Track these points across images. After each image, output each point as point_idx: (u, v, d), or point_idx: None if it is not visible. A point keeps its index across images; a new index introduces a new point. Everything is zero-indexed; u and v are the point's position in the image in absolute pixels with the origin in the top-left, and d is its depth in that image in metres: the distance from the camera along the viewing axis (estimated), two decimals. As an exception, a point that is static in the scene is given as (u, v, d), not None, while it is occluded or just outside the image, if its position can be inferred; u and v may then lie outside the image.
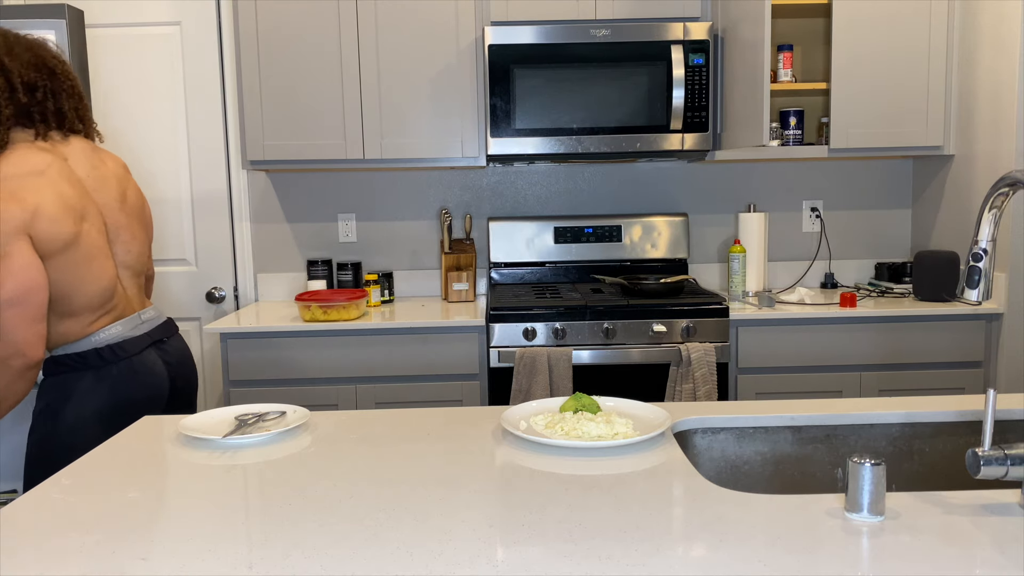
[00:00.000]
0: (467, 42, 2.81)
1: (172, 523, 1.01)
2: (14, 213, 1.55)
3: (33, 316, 1.58)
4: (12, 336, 1.56)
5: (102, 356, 1.71)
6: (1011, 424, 1.43)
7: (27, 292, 1.56)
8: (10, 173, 1.58)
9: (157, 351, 1.84)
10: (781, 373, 2.68)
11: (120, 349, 1.74)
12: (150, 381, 1.78)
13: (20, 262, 1.55)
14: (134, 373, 1.75)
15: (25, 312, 1.56)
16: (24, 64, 1.67)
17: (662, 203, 3.22)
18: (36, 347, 1.59)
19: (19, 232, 1.56)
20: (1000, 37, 2.62)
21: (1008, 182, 1.10)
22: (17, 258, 1.55)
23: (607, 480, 1.12)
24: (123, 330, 1.76)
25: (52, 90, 1.70)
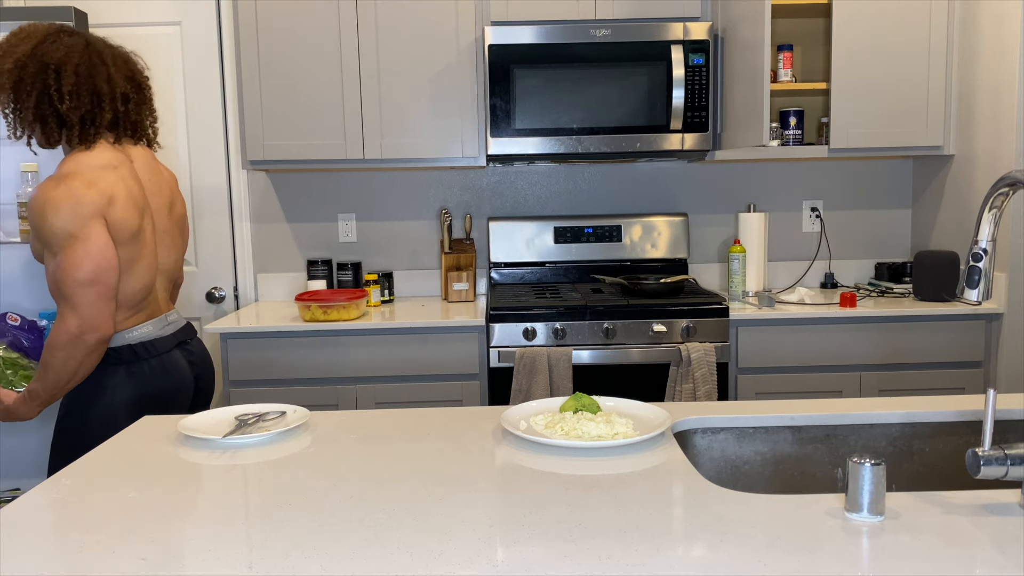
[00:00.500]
0: (467, 42, 2.81)
1: (172, 523, 1.01)
2: (93, 198, 1.66)
3: (108, 295, 1.69)
4: (89, 312, 1.66)
5: (136, 352, 1.80)
6: (1011, 424, 1.43)
7: (104, 272, 1.67)
8: (90, 164, 1.71)
9: (182, 351, 1.93)
10: (781, 373, 2.68)
11: (152, 347, 1.83)
12: (178, 379, 1.88)
13: (98, 243, 1.66)
14: (164, 371, 1.84)
15: (101, 291, 1.68)
16: (123, 75, 1.80)
17: (662, 203, 3.22)
18: (109, 323, 1.71)
19: (97, 215, 1.67)
20: (1000, 37, 2.62)
21: (1008, 182, 1.10)
22: (95, 240, 1.66)
23: (607, 480, 1.12)
24: (153, 329, 1.85)
25: (137, 103, 1.84)
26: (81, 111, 1.72)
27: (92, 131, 1.75)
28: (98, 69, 1.75)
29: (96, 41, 1.79)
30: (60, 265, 1.65)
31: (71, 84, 1.70)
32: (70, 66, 1.71)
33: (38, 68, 1.70)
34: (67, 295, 1.65)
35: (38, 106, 1.70)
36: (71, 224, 1.64)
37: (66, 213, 1.63)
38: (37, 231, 1.67)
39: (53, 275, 1.67)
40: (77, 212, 1.64)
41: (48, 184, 1.66)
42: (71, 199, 1.64)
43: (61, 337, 1.66)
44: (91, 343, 1.68)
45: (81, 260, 1.64)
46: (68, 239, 1.64)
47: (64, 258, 1.64)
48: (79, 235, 1.64)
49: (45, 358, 1.69)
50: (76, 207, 1.64)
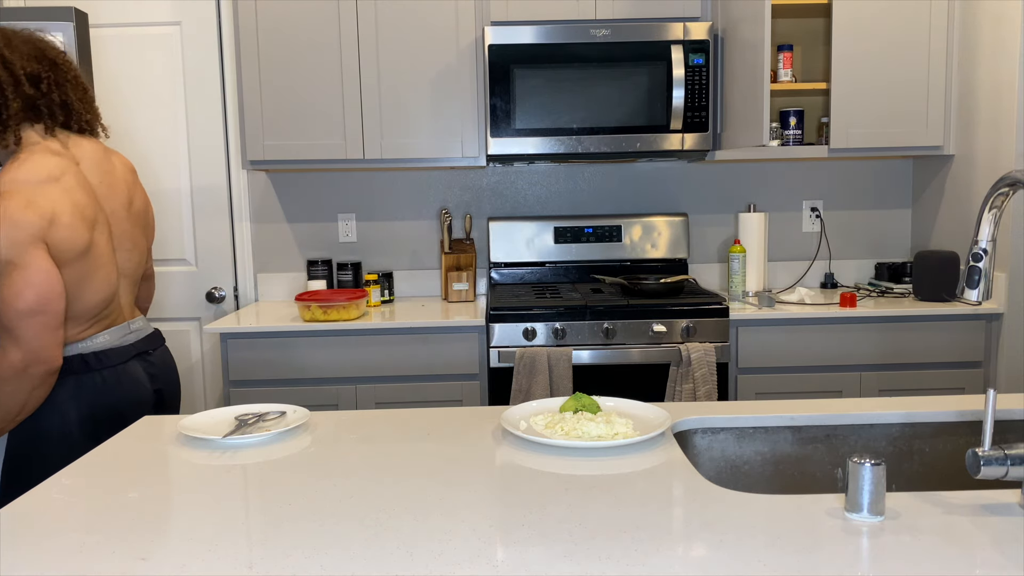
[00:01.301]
0: (467, 42, 2.81)
1: (172, 523, 1.01)
2: (32, 221, 1.52)
3: (53, 324, 1.57)
4: (33, 344, 1.54)
5: (87, 363, 1.69)
6: (1011, 424, 1.43)
7: (47, 301, 1.55)
8: (27, 179, 1.56)
9: (141, 362, 1.81)
10: (781, 373, 2.68)
11: (105, 357, 1.72)
12: (132, 391, 1.75)
13: (39, 271, 1.53)
14: (117, 382, 1.73)
15: (46, 320, 1.55)
16: (25, 56, 1.63)
17: (662, 203, 3.22)
18: (56, 353, 1.58)
19: (37, 240, 1.53)
20: (1000, 37, 2.62)
21: (1008, 182, 1.10)
22: (36, 267, 1.53)
23: (607, 480, 1.12)
24: (111, 339, 1.74)
25: (56, 81, 1.67)
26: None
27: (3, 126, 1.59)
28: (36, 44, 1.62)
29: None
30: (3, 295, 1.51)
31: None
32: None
33: None
34: (8, 327, 1.52)
35: None
36: (9, 251, 1.50)
37: (2, 239, 1.49)
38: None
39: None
40: (14, 238, 1.50)
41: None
42: (7, 223, 1.50)
43: (5, 371, 1.53)
44: (37, 376, 1.56)
45: (21, 289, 1.51)
46: (6, 267, 1.51)
47: (3, 288, 1.51)
48: (18, 263, 1.51)
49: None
50: (13, 232, 1.50)
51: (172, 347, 3.21)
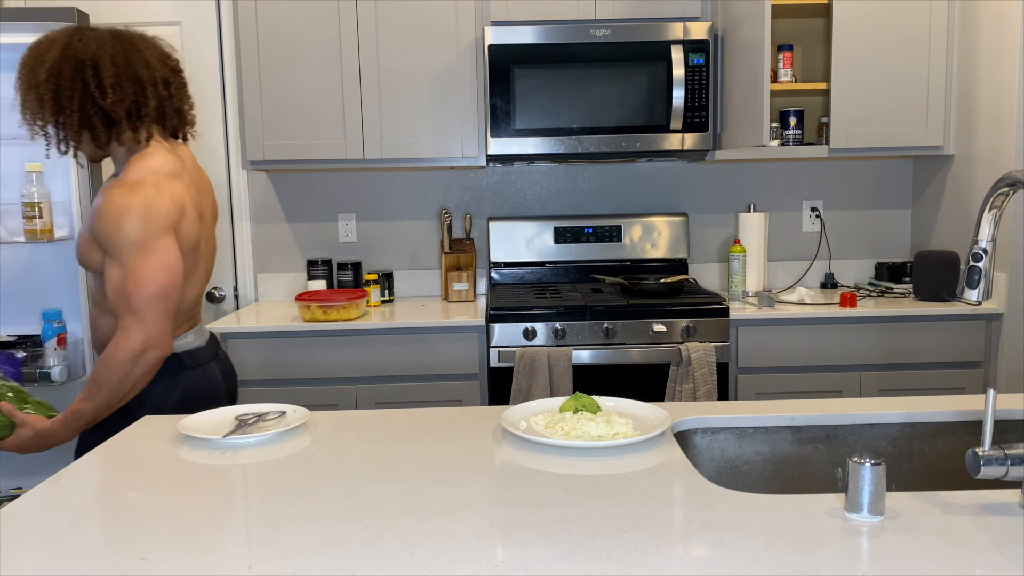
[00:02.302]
0: (467, 42, 2.81)
1: (172, 523, 1.01)
2: (167, 208, 1.58)
3: (173, 311, 1.62)
4: (156, 328, 1.58)
5: (181, 361, 1.72)
6: (1011, 424, 1.43)
7: (174, 287, 1.60)
8: (158, 170, 1.62)
9: (216, 362, 1.86)
10: (781, 373, 2.68)
11: (195, 356, 1.76)
12: (214, 390, 1.80)
13: (173, 256, 1.59)
14: (204, 381, 1.77)
15: (169, 307, 1.60)
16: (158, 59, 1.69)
17: (662, 203, 3.22)
18: (170, 341, 1.63)
19: (170, 227, 1.60)
20: (1000, 37, 2.62)
21: (1008, 182, 1.10)
22: (171, 252, 1.59)
23: (607, 480, 1.12)
24: (195, 339, 1.78)
25: (178, 87, 1.73)
26: (126, 103, 1.62)
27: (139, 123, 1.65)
28: (134, 55, 1.65)
29: (122, 31, 1.69)
30: (131, 276, 1.55)
31: (112, 76, 1.60)
32: (106, 57, 1.61)
33: (74, 68, 1.59)
34: (136, 308, 1.56)
35: (82, 108, 1.60)
36: (146, 234, 1.55)
37: (142, 223, 1.55)
38: (104, 239, 1.58)
39: (119, 287, 1.57)
40: (153, 222, 1.56)
41: (119, 191, 1.57)
42: (146, 208, 1.56)
43: (123, 353, 1.56)
44: (151, 360, 1.59)
45: (156, 273, 1.56)
46: (141, 249, 1.56)
47: (138, 269, 1.55)
48: (155, 247, 1.56)
49: (100, 375, 1.58)
50: (152, 216, 1.56)
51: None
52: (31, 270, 2.55)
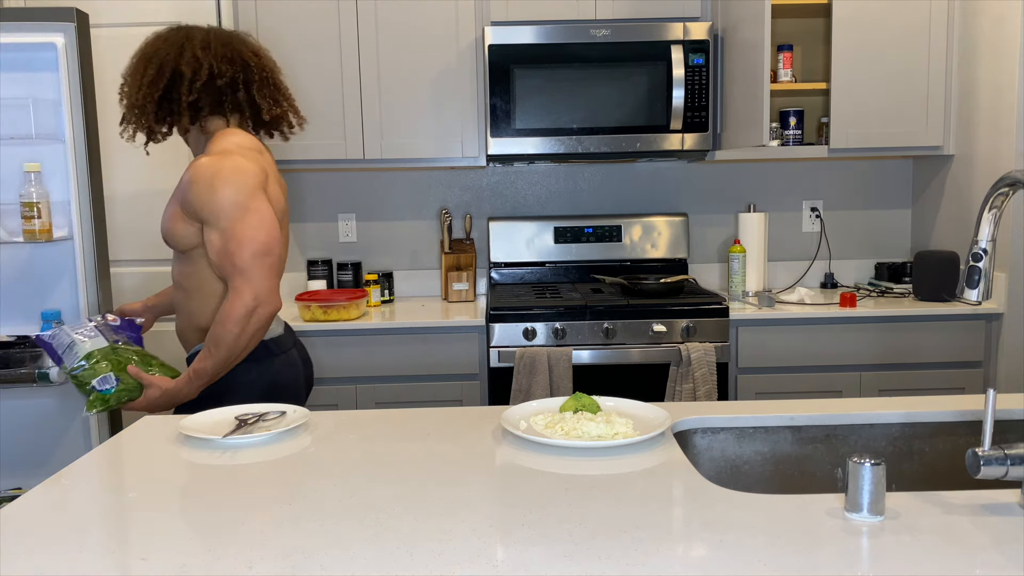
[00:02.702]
0: (467, 42, 2.81)
1: (172, 523, 1.01)
2: (255, 171, 1.66)
3: (277, 267, 1.67)
4: (263, 285, 1.63)
5: (268, 348, 1.77)
6: (1011, 424, 1.43)
7: (274, 243, 1.65)
8: (240, 144, 1.71)
9: (296, 349, 1.91)
10: (781, 373, 2.68)
11: (279, 344, 1.81)
12: (296, 377, 1.85)
13: (268, 214, 1.65)
14: (289, 367, 1.83)
15: (272, 263, 1.65)
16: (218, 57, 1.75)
17: (662, 203, 3.22)
18: (278, 298, 1.68)
19: (261, 188, 1.66)
20: (1000, 37, 2.62)
21: (1008, 182, 1.10)
22: (265, 211, 1.65)
23: (607, 480, 1.12)
24: (277, 327, 1.84)
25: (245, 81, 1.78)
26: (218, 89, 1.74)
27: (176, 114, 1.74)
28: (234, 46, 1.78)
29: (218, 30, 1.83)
30: (233, 237, 1.61)
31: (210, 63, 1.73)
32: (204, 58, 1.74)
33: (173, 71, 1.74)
34: (241, 267, 1.62)
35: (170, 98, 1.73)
36: (242, 195, 1.62)
37: (236, 184, 1.61)
38: (200, 207, 1.63)
39: (222, 249, 1.63)
40: (246, 183, 1.63)
41: (208, 160, 1.64)
42: (238, 171, 1.63)
43: (237, 311, 1.62)
44: (263, 316, 1.65)
45: (256, 231, 1.62)
46: (240, 210, 1.62)
47: (238, 230, 1.61)
48: (250, 206, 1.62)
49: (217, 333, 1.64)
50: (244, 178, 1.63)
51: (172, 347, 3.21)
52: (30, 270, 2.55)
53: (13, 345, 2.44)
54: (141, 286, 3.14)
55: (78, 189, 2.40)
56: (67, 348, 1.71)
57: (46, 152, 2.48)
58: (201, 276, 1.74)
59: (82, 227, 2.41)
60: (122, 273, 3.14)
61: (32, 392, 2.53)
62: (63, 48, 2.34)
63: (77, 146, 2.39)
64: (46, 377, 2.39)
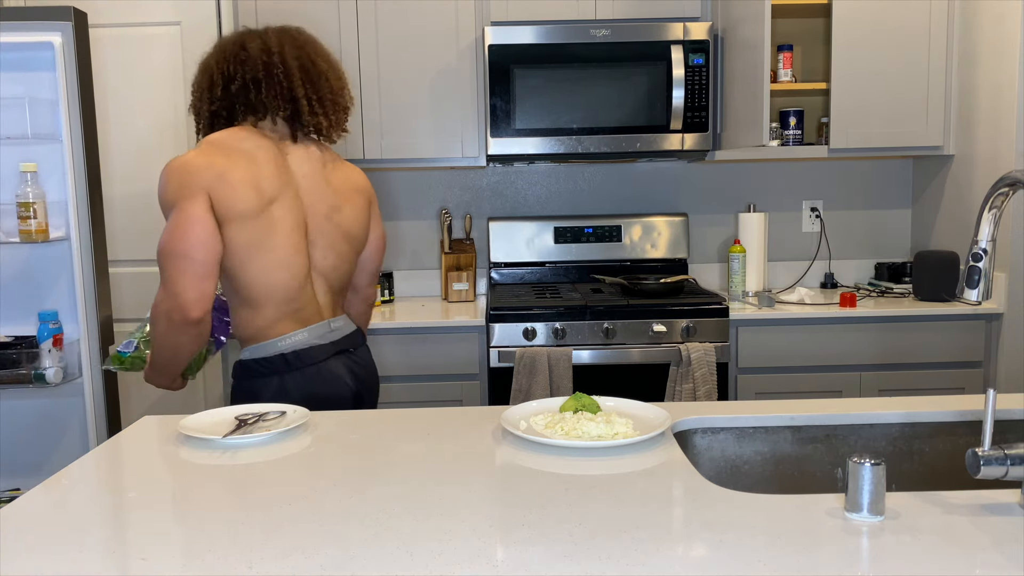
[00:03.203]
0: (467, 42, 2.81)
1: (172, 523, 1.01)
2: (200, 170, 1.60)
3: (198, 273, 1.59)
4: (174, 288, 1.58)
5: (288, 362, 1.71)
6: (1011, 424, 1.43)
7: (192, 246, 1.57)
8: (217, 139, 1.67)
9: (344, 359, 1.81)
10: (781, 373, 2.68)
11: (305, 355, 1.72)
12: (334, 389, 1.76)
13: (192, 216, 1.58)
14: (319, 379, 1.74)
15: (188, 267, 1.58)
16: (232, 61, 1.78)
17: (662, 203, 3.22)
18: (196, 305, 1.59)
19: (197, 189, 1.59)
20: (1000, 37, 2.62)
21: (1008, 182, 1.10)
22: (190, 213, 1.58)
23: (607, 480, 1.12)
24: (309, 337, 1.74)
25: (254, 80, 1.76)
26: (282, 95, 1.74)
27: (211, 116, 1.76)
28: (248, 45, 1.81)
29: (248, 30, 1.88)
30: (162, 235, 1.60)
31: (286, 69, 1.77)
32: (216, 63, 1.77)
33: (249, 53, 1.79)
34: (160, 266, 1.61)
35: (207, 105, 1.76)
36: (172, 195, 1.60)
37: (172, 183, 1.60)
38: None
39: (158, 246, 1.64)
40: (181, 182, 1.59)
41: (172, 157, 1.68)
42: (178, 170, 1.60)
43: (154, 311, 1.62)
44: (177, 321, 1.59)
45: (172, 232, 1.58)
46: (167, 210, 1.61)
47: (165, 229, 1.60)
48: (177, 206, 1.59)
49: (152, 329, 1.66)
50: (181, 177, 1.60)
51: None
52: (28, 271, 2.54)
53: (11, 346, 2.44)
54: (140, 286, 3.14)
55: (75, 189, 2.40)
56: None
57: (43, 152, 2.48)
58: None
59: (79, 227, 2.41)
60: (121, 273, 3.14)
61: (30, 392, 2.53)
62: (60, 47, 2.34)
63: (75, 146, 2.39)
64: (43, 378, 2.39)
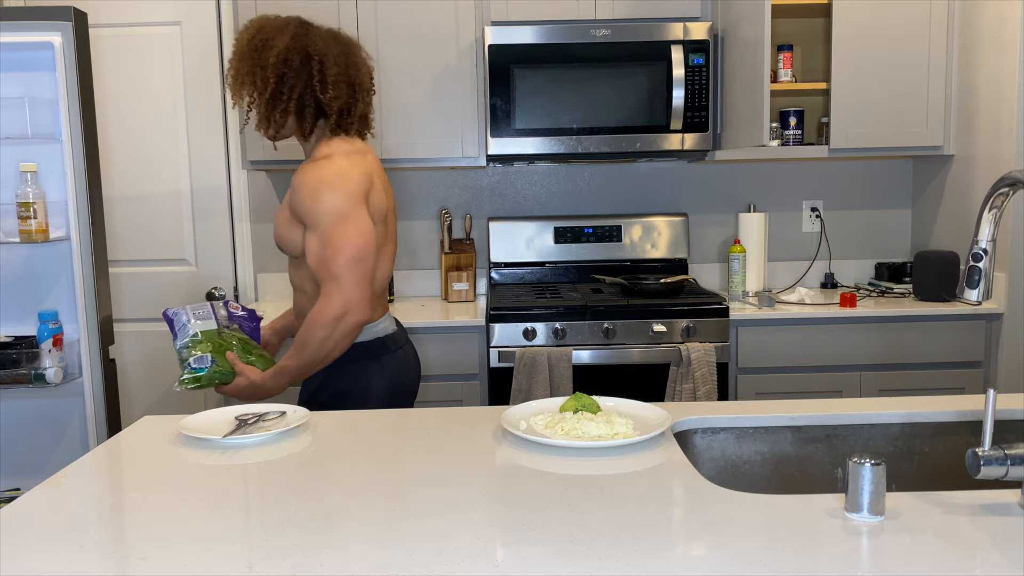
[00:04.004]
0: (467, 42, 2.81)
1: (172, 523, 1.01)
2: (359, 178, 1.71)
3: (369, 277, 1.70)
4: (354, 293, 1.67)
5: (385, 344, 1.84)
6: (1011, 424, 1.43)
7: (367, 252, 1.69)
8: (346, 149, 1.76)
9: (410, 349, 1.96)
10: (781, 373, 2.68)
11: (394, 340, 1.87)
12: (414, 371, 1.93)
13: (364, 224, 1.69)
14: (406, 362, 1.89)
15: (364, 272, 1.68)
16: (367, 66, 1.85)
17: (662, 203, 3.22)
18: (367, 308, 1.71)
19: (363, 196, 1.71)
20: (1000, 37, 2.62)
21: (1008, 182, 1.10)
22: (362, 220, 1.69)
23: (607, 480, 1.12)
24: (389, 324, 1.88)
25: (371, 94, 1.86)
26: (340, 102, 1.76)
27: (348, 120, 1.79)
28: (352, 60, 1.80)
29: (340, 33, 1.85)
30: (330, 243, 1.66)
31: (334, 75, 1.74)
32: (331, 56, 1.75)
33: (302, 59, 1.73)
34: (335, 273, 1.66)
35: (301, 97, 1.74)
36: (342, 202, 1.67)
37: (339, 192, 1.67)
38: (303, 212, 1.69)
39: (319, 254, 1.68)
40: (349, 191, 1.68)
41: (314, 166, 1.70)
42: (341, 177, 1.68)
43: (325, 316, 1.67)
44: (350, 325, 1.69)
45: (352, 237, 1.66)
46: (339, 217, 1.67)
47: (335, 236, 1.66)
48: (350, 214, 1.67)
49: (304, 336, 1.70)
50: (347, 184, 1.68)
51: (171, 347, 3.21)
52: (28, 271, 2.54)
53: (11, 346, 2.44)
54: (140, 286, 3.14)
55: (75, 189, 2.40)
56: (182, 326, 1.79)
57: (43, 152, 2.48)
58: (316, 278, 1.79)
59: (79, 227, 2.41)
60: (121, 273, 3.15)
61: (30, 393, 2.52)
62: (60, 47, 2.33)
63: (75, 146, 2.39)
64: (43, 378, 2.39)
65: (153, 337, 3.19)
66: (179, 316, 1.81)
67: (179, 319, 1.81)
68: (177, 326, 1.81)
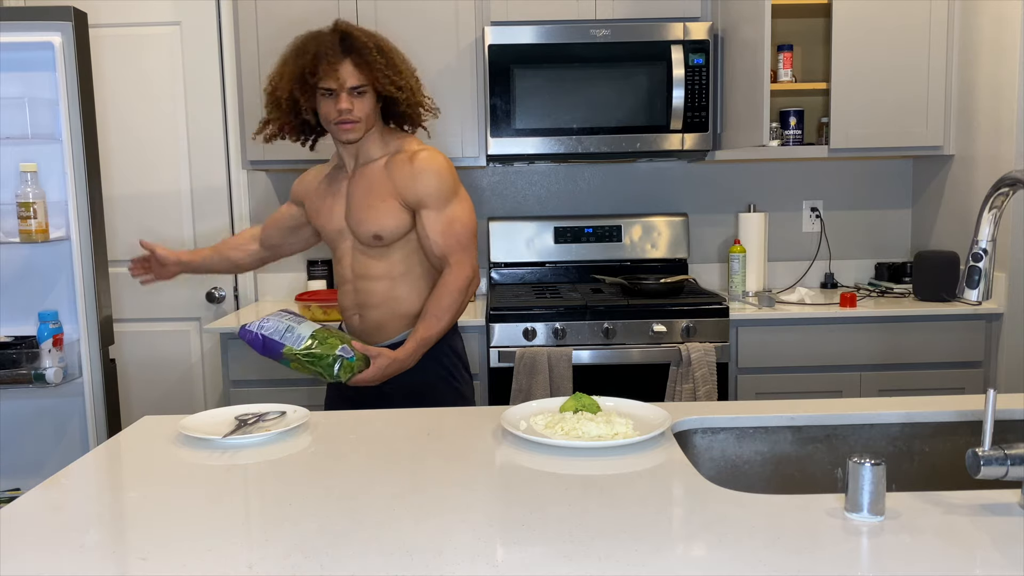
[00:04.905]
0: (467, 42, 2.81)
1: (172, 523, 1.01)
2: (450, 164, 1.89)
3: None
4: (475, 263, 1.89)
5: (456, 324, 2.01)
6: (1011, 424, 1.43)
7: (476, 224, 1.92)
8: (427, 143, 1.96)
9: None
10: (781, 373, 2.68)
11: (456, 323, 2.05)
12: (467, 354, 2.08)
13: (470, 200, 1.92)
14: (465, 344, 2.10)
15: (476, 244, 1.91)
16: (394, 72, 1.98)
17: (662, 203, 3.22)
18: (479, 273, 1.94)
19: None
20: (1000, 38, 2.62)
21: (1008, 182, 1.10)
22: (468, 198, 1.91)
23: (607, 480, 1.12)
24: None
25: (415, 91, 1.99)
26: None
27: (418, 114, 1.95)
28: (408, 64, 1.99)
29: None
30: (458, 219, 1.86)
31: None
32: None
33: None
34: (465, 244, 1.86)
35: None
36: (456, 184, 1.88)
37: (452, 175, 1.86)
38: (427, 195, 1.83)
39: (447, 229, 1.85)
40: (454, 173, 1.88)
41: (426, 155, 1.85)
42: (449, 165, 1.87)
43: (461, 281, 1.85)
44: (475, 288, 1.90)
45: (471, 214, 1.89)
46: (457, 197, 1.87)
47: (460, 212, 1.86)
48: (461, 193, 1.89)
49: (444, 303, 1.85)
50: (453, 171, 1.88)
51: (171, 347, 3.21)
52: (28, 270, 2.54)
53: (11, 346, 2.44)
54: (140, 286, 3.14)
55: (75, 189, 2.40)
56: (286, 332, 1.79)
57: (43, 152, 2.48)
58: (411, 261, 1.90)
59: (79, 227, 2.41)
60: (121, 273, 3.14)
61: (30, 393, 2.52)
62: (60, 47, 2.33)
63: (75, 146, 2.39)
64: (43, 378, 2.39)
65: (153, 337, 3.19)
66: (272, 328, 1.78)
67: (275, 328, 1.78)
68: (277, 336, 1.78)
